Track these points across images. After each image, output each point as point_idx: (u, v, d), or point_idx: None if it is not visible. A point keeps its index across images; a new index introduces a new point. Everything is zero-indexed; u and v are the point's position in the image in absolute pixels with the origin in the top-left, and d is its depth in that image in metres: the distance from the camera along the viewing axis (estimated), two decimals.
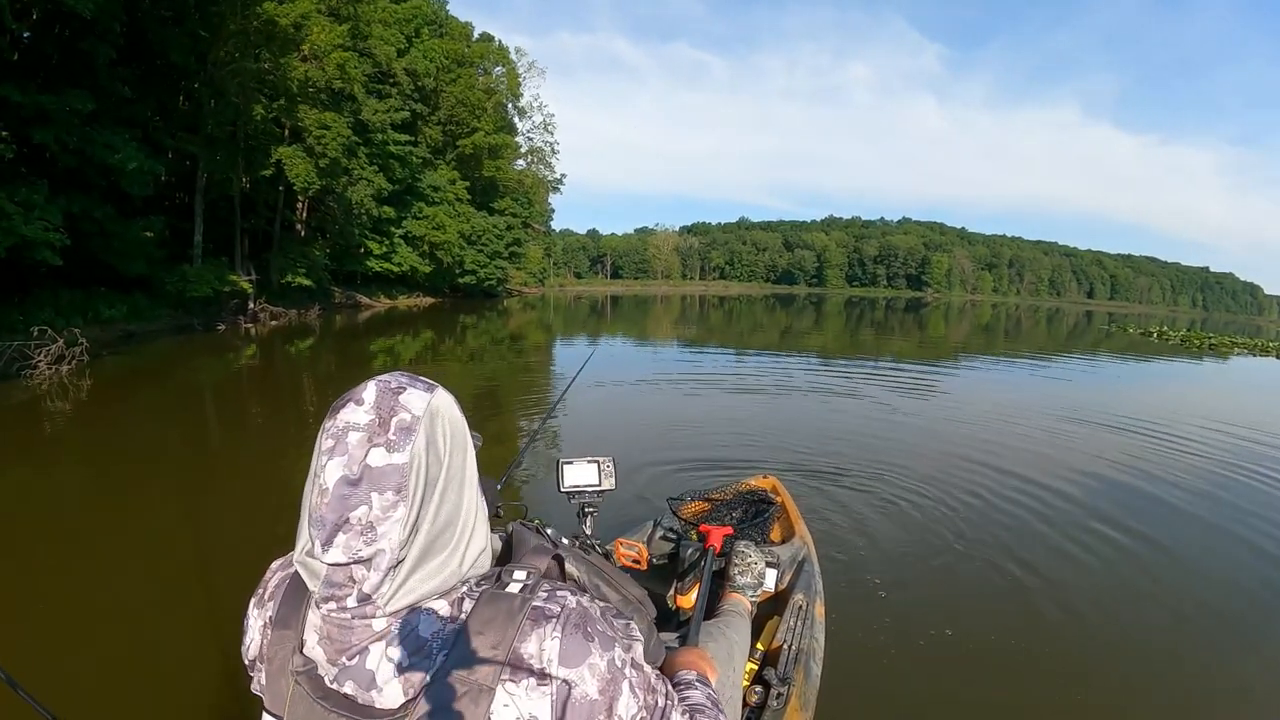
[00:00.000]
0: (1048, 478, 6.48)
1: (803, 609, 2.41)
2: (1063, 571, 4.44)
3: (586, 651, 0.79)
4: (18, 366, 10.29)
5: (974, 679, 3.18)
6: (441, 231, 35.08)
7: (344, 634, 0.80)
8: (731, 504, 2.90)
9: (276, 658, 0.87)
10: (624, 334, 24.81)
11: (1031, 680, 3.20)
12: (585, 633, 0.80)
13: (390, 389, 0.83)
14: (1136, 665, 3.43)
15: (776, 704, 1.90)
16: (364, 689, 0.80)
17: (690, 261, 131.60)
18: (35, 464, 6.61)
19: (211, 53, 18.36)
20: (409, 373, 0.89)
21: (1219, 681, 3.36)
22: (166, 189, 21.56)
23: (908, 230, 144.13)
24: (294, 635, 0.86)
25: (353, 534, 0.76)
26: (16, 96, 12.31)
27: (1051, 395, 12.63)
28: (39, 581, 3.93)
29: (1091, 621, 3.81)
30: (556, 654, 0.78)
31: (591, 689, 0.78)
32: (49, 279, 15.11)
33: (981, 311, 61.67)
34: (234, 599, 1.25)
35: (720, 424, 8.24)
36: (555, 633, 0.79)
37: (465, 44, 38.74)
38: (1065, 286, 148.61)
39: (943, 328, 35.78)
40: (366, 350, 17.08)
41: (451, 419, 0.85)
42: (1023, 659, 3.36)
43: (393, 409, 0.80)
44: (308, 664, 0.84)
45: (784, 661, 2.10)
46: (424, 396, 0.83)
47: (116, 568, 4.15)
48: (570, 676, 0.78)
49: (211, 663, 3.05)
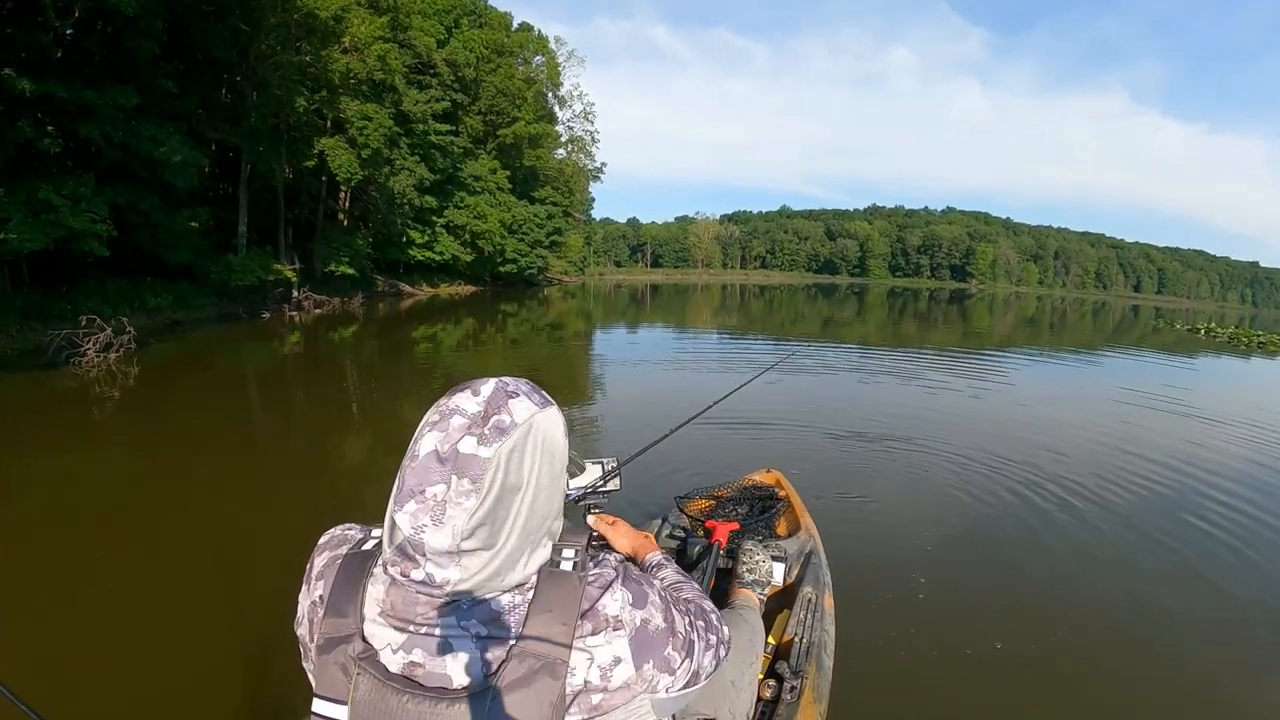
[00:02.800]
0: (1063, 471, 6.31)
1: (812, 602, 2.42)
2: (1077, 566, 4.35)
3: (646, 593, 0.93)
4: (66, 354, 10.49)
5: (983, 665, 3.15)
6: (483, 221, 35.20)
7: (408, 606, 0.85)
8: (737, 499, 2.98)
9: (330, 643, 0.88)
10: (663, 323, 24.64)
11: (1040, 669, 3.16)
12: (635, 580, 0.94)
13: (505, 391, 0.88)
14: (1148, 667, 3.30)
15: (791, 697, 1.93)
16: (434, 656, 0.84)
17: (731, 250, 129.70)
18: (83, 448, 6.74)
19: (253, 46, 18.45)
20: (531, 384, 0.94)
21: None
22: (211, 180, 21.90)
23: (952, 220, 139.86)
24: (352, 622, 0.89)
25: (424, 507, 0.81)
26: (62, 93, 12.46)
27: (1088, 391, 12.07)
28: (88, 562, 3.99)
29: (1112, 616, 3.71)
30: (629, 602, 0.90)
31: (659, 619, 0.92)
32: (96, 269, 15.42)
33: (1026, 304, 59.88)
34: (277, 579, 1.20)
35: (751, 414, 7.94)
36: (618, 588, 0.91)
37: (505, 34, 38.51)
38: (1112, 280, 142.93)
39: (986, 320, 34.78)
40: (409, 337, 17.15)
41: (548, 438, 0.89)
42: (1032, 649, 3.31)
43: (499, 408, 0.86)
44: (368, 650, 0.87)
45: (796, 654, 2.12)
46: (530, 409, 0.88)
47: (162, 549, 4.24)
48: (643, 615, 0.90)
49: (253, 641, 3.11)
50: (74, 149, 14.08)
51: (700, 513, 2.84)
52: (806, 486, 3.78)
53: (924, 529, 4.71)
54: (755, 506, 2.93)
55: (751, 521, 2.72)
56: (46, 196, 12.53)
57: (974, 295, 75.93)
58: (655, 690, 0.91)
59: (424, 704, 0.82)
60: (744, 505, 2.94)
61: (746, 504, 2.95)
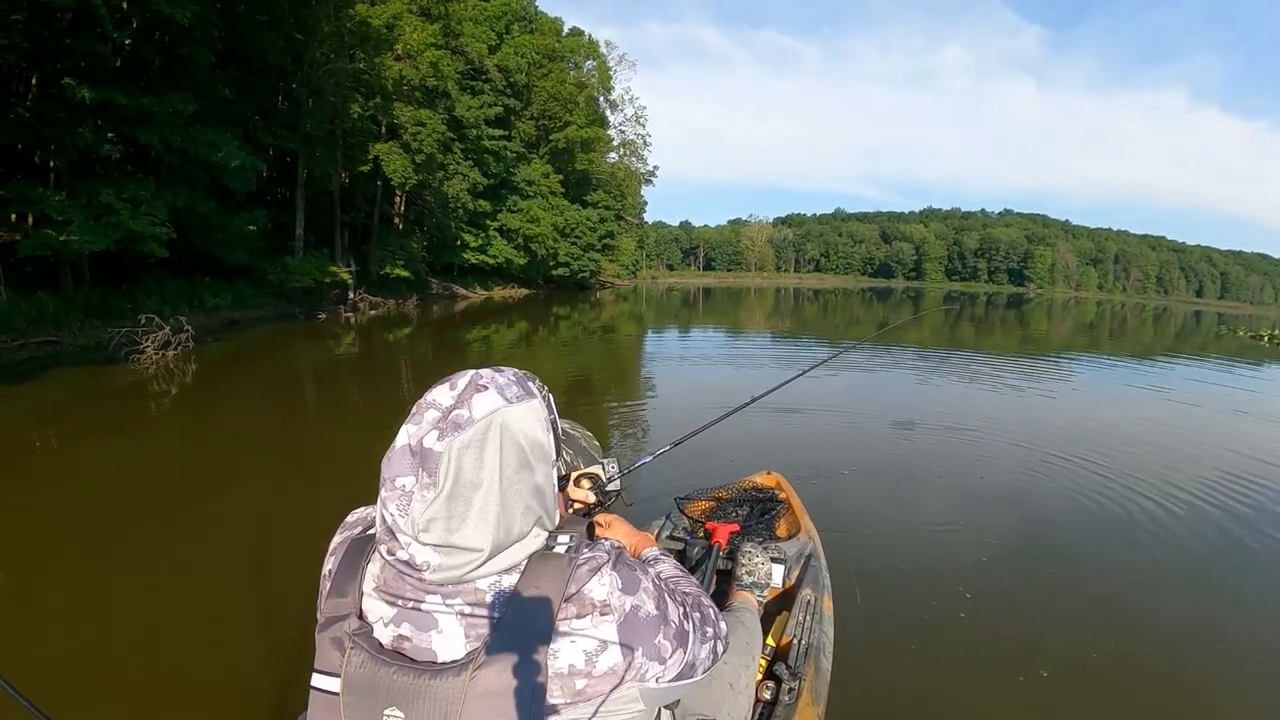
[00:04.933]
0: (1076, 470, 6.12)
1: (811, 604, 2.39)
2: (1086, 569, 4.21)
3: (638, 579, 0.91)
4: (126, 351, 10.68)
5: (981, 668, 3.10)
6: (536, 224, 35.25)
7: (398, 582, 0.87)
8: (737, 501, 2.96)
9: (330, 621, 0.90)
10: (714, 325, 24.33)
11: (1041, 674, 3.07)
12: (628, 565, 0.92)
13: (476, 385, 0.88)
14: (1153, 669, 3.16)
15: (789, 699, 1.90)
16: (422, 631, 0.85)
17: (784, 253, 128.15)
18: (137, 441, 6.77)
19: (307, 54, 18.70)
20: (519, 375, 0.94)
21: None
22: (268, 184, 22.34)
23: (1009, 222, 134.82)
24: (351, 601, 0.90)
25: (393, 495, 0.83)
26: (121, 100, 12.73)
27: (1151, 399, 11.22)
28: (143, 549, 4.13)
29: (1113, 622, 3.57)
30: (618, 587, 0.88)
31: (650, 606, 0.90)
32: (157, 268, 15.74)
33: (1085, 309, 57.37)
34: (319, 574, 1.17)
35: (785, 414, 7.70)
36: (609, 571, 0.89)
37: (555, 39, 38.53)
38: (1173, 284, 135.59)
39: (1045, 324, 33.28)
40: (462, 339, 17.20)
41: (519, 433, 0.87)
42: (1031, 652, 3.23)
43: (464, 402, 0.85)
44: (363, 626, 0.88)
45: (794, 656, 2.09)
46: (496, 402, 0.86)
47: (209, 539, 4.32)
48: (634, 601, 0.88)
49: (292, 633, 3.10)
50: (134, 154, 14.42)
51: (700, 514, 2.83)
52: (820, 485, 3.54)
53: (946, 535, 4.60)
54: (755, 508, 2.90)
55: (751, 523, 2.70)
56: (107, 200, 12.84)
57: (1032, 300, 72.80)
58: (644, 679, 0.89)
59: (409, 676, 0.82)
60: (744, 507, 2.91)
61: (746, 506, 2.92)
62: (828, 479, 5.55)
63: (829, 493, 5.21)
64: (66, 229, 12.20)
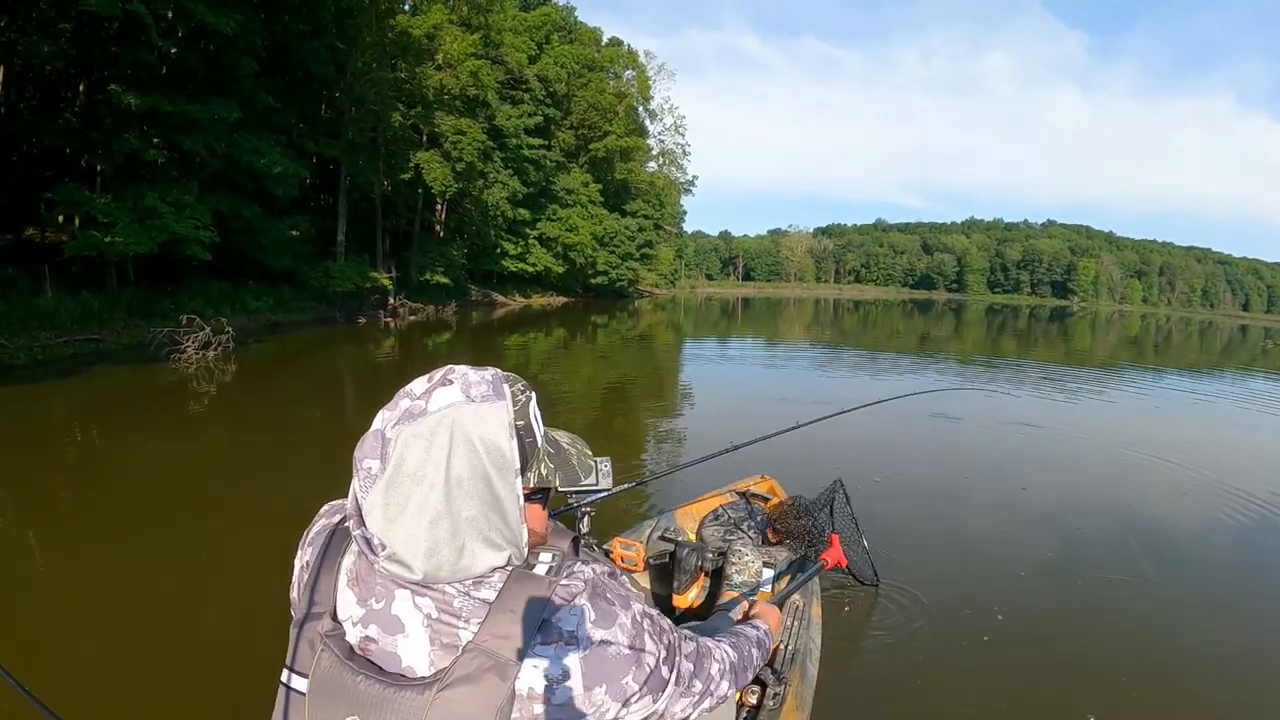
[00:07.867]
0: (1074, 486, 6.08)
1: (799, 609, 2.35)
2: (1078, 582, 4.12)
3: (614, 614, 0.85)
4: (167, 350, 10.81)
5: (970, 676, 3.02)
6: (574, 233, 35.17)
7: (368, 573, 0.84)
8: (731, 504, 2.93)
9: (305, 619, 0.88)
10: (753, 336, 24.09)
11: (1027, 678, 3.03)
12: (606, 599, 0.86)
13: (439, 380, 0.85)
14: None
15: (773, 704, 1.88)
16: (389, 634, 0.81)
17: (824, 264, 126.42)
18: (173, 439, 6.81)
19: (350, 63, 18.89)
20: (496, 374, 0.89)
21: None
22: (311, 190, 22.60)
23: (1052, 234, 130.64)
24: (326, 600, 0.87)
25: (361, 477, 0.81)
26: (166, 106, 12.91)
27: (1154, 415, 10.81)
28: (177, 544, 4.14)
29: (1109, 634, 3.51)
30: (590, 620, 0.83)
31: (623, 643, 0.84)
32: (200, 270, 15.93)
33: (1130, 322, 55.62)
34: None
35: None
36: (583, 602, 0.83)
37: (595, 49, 38.55)
38: (1219, 298, 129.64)
39: (1088, 339, 32.22)
40: (501, 345, 17.20)
41: (479, 434, 0.82)
42: (1018, 659, 3.18)
43: (427, 394, 0.83)
44: (336, 628, 0.85)
45: (781, 661, 2.07)
46: (454, 397, 0.82)
47: (240, 532, 4.36)
48: (605, 637, 0.83)
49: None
50: (178, 159, 14.60)
51: (693, 516, 2.83)
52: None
53: (922, 542, 4.52)
54: (748, 512, 2.85)
55: (744, 526, 2.68)
56: (152, 203, 13.01)
57: (1075, 313, 70.61)
58: (603, 718, 0.83)
59: (375, 686, 0.79)
60: (737, 510, 2.86)
61: (740, 509, 2.87)
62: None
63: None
64: (111, 231, 12.38)
